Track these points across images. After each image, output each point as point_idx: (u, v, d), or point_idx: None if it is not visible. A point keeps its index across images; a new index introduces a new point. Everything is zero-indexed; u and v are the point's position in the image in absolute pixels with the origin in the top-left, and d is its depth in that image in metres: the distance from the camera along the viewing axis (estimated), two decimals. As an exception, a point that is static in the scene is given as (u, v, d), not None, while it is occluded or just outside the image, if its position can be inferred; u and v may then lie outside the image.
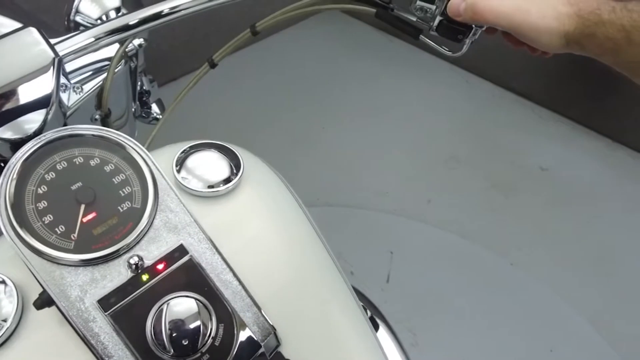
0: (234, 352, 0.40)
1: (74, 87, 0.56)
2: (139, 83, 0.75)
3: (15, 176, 0.40)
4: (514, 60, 2.28)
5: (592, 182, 2.04)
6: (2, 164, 0.53)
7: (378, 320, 0.75)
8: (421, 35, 0.56)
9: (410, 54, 2.56)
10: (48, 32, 0.49)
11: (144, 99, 0.78)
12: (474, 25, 0.52)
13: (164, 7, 0.50)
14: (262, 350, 0.41)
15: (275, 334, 0.42)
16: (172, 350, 0.38)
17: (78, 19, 0.64)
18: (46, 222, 0.40)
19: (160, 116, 0.78)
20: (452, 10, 0.51)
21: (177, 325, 0.38)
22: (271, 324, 0.42)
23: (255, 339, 0.41)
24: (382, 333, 0.74)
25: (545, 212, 1.92)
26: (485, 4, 0.48)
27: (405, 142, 2.17)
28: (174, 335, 0.38)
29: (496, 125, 2.28)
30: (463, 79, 2.50)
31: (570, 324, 1.58)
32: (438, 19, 0.52)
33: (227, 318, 0.41)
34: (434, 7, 0.52)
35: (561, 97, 2.32)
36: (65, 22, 0.64)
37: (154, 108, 0.80)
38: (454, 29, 0.52)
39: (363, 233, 1.80)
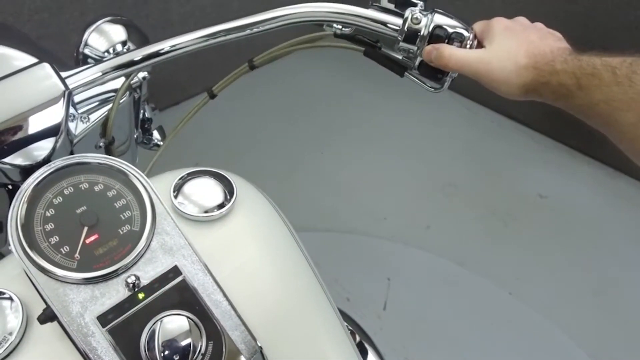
0: (222, 368, 0.43)
1: (81, 117, 0.60)
2: (142, 111, 0.79)
3: (26, 200, 0.44)
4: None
5: (593, 210, 2.00)
6: (10, 187, 0.57)
7: (367, 346, 0.77)
8: (406, 73, 0.60)
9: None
10: (59, 65, 0.53)
11: (146, 126, 0.82)
12: None
13: (165, 45, 0.54)
14: (248, 367, 0.44)
15: (261, 352, 0.45)
16: (164, 365, 0.41)
17: (87, 51, 0.68)
18: (52, 243, 0.43)
19: (161, 142, 0.82)
20: (425, 56, 0.56)
21: (170, 341, 0.41)
22: (257, 342, 0.45)
23: (243, 356, 0.44)
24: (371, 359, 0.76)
25: (544, 241, 1.89)
26: (452, 54, 0.54)
27: (405, 168, 2.15)
28: (166, 350, 0.41)
29: (496, 152, 2.26)
30: (463, 106, 2.48)
31: (569, 357, 1.55)
32: (419, 59, 0.57)
33: (217, 336, 0.43)
34: (415, 47, 0.56)
35: (561, 124, 2.28)
36: (75, 55, 0.69)
37: (155, 135, 0.83)
38: (434, 69, 0.56)
39: (360, 259, 1.78)
